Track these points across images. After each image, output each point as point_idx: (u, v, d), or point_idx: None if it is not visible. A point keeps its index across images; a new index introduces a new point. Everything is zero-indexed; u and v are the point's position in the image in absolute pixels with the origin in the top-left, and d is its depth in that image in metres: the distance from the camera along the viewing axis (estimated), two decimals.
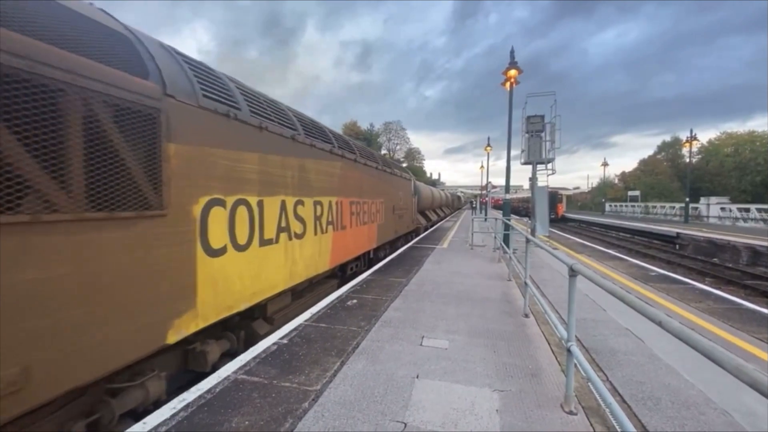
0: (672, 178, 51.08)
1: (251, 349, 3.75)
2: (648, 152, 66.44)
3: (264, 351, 3.70)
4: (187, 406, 2.69)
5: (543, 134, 12.09)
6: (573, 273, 2.60)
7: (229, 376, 3.16)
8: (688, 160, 34.39)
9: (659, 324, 1.44)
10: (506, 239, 9.78)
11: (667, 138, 59.96)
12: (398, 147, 79.42)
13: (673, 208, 35.27)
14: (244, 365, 3.38)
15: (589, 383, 3.15)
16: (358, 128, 71.59)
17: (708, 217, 30.40)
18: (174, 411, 2.62)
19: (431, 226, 21.29)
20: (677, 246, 18.34)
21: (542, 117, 12.26)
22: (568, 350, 2.63)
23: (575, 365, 2.72)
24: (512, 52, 11.72)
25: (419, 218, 17.45)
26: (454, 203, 47.26)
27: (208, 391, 2.91)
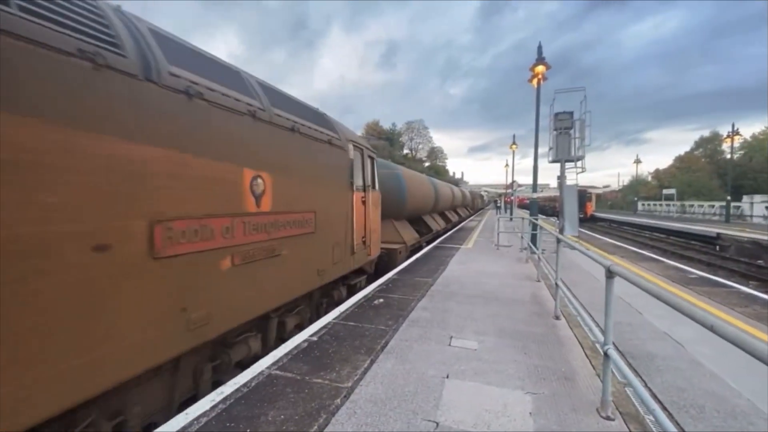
0: (711, 175, 48.55)
1: (283, 345, 3.85)
2: (684, 149, 63.48)
3: (295, 347, 3.78)
4: (225, 398, 2.79)
5: (572, 131, 11.74)
6: (610, 275, 2.52)
7: (263, 371, 3.26)
8: (729, 156, 32.57)
9: (710, 328, 1.38)
10: (534, 239, 9.57)
11: (706, 133, 57.13)
12: (420, 146, 79.15)
13: (713, 207, 33.47)
14: (277, 361, 3.47)
15: (626, 388, 3.07)
16: (380, 128, 71.74)
17: (752, 216, 28.67)
18: (213, 403, 2.72)
19: (432, 240, 14.07)
20: (718, 247, 17.39)
21: (571, 114, 11.89)
22: (605, 354, 2.55)
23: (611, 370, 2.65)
24: (539, 47, 11.45)
25: (403, 232, 10.53)
26: (476, 203, 43.90)
27: (245, 384, 3.01)
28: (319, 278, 4.83)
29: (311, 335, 4.12)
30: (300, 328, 4.59)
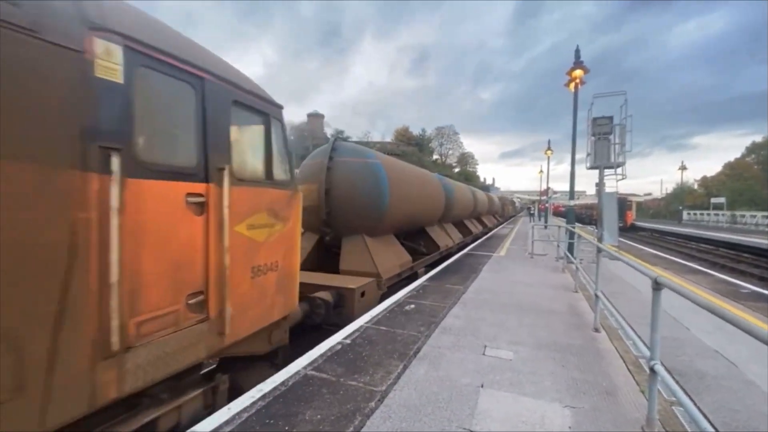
0: (765, 183, 45.15)
1: (318, 347, 3.93)
2: (734, 155, 59.51)
3: (329, 349, 3.86)
4: (264, 396, 2.90)
5: (611, 137, 11.31)
6: (657, 286, 2.42)
7: (299, 371, 3.35)
8: None
9: None
10: (570, 248, 9.26)
11: (758, 138, 53.44)
12: (450, 152, 78.72)
13: (767, 217, 31.07)
14: (313, 362, 3.55)
15: (674, 407, 2.92)
16: (409, 133, 71.93)
17: None
18: (253, 399, 2.83)
19: (439, 262, 10.08)
20: None
21: (610, 119, 11.47)
22: (652, 369, 2.44)
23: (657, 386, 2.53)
24: (577, 51, 11.16)
25: (379, 256, 7.04)
26: (506, 210, 40.57)
27: (282, 383, 3.10)
28: None
29: (344, 338, 4.19)
30: None
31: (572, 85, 10.90)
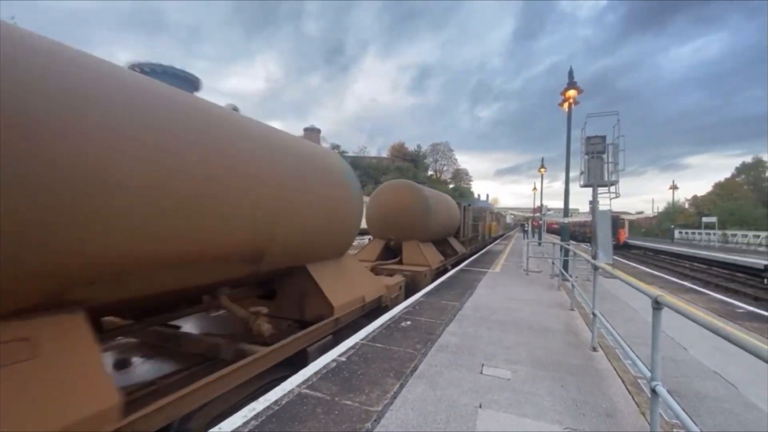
0: (755, 203, 45.93)
1: (312, 364, 3.84)
2: (725, 174, 60.72)
3: (324, 367, 3.77)
4: (257, 415, 2.80)
5: (605, 155, 11.48)
6: (658, 306, 2.40)
7: (293, 389, 3.26)
8: None
9: None
10: (566, 265, 9.26)
11: (748, 159, 54.69)
12: (445, 168, 79.46)
13: (758, 237, 31.43)
14: (307, 380, 3.46)
15: (675, 429, 2.87)
16: (405, 149, 72.76)
17: None
18: (245, 419, 2.74)
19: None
20: (766, 280, 16.26)
21: (603, 138, 11.66)
22: (653, 390, 2.40)
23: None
24: (570, 72, 11.41)
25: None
26: (486, 229, 25.54)
27: (275, 402, 3.01)
28: None
29: (339, 355, 4.10)
30: None
31: (566, 105, 11.10)
